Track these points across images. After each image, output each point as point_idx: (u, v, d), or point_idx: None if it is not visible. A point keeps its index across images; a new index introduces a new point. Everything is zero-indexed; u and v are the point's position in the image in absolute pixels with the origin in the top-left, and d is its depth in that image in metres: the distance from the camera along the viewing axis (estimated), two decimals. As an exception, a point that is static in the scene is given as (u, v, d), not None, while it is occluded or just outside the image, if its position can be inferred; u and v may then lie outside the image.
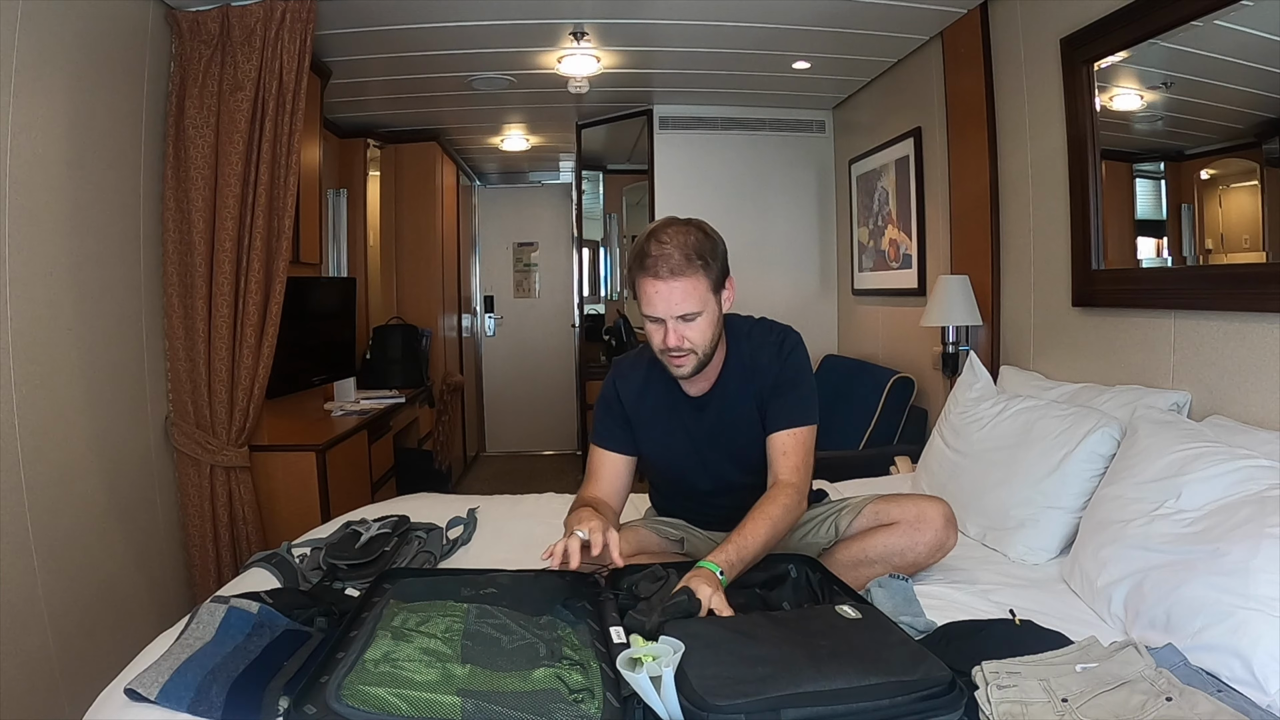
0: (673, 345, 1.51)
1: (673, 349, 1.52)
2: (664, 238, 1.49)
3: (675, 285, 1.48)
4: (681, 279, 1.47)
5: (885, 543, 1.60)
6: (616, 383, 1.71)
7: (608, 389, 1.72)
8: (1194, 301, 1.85)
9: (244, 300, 2.46)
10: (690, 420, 1.66)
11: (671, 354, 1.53)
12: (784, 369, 1.61)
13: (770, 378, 1.61)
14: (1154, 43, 1.89)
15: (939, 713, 1.00)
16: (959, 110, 2.88)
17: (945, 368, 2.85)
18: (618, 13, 2.82)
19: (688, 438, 1.67)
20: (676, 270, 1.47)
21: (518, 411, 6.14)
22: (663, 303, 1.49)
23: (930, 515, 1.62)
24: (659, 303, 1.49)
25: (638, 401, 1.68)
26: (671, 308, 1.49)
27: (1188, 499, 1.45)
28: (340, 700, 0.98)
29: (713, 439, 1.66)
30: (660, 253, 1.48)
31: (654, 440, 1.69)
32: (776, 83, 3.68)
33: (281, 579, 1.68)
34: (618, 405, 1.69)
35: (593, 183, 5.33)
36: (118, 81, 2.26)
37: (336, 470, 2.84)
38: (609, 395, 1.71)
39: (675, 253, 1.47)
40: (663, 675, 1.00)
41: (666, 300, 1.49)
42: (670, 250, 1.47)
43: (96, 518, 2.17)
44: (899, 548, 1.60)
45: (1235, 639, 1.18)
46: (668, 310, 1.49)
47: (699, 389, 1.65)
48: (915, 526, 1.61)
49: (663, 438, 1.68)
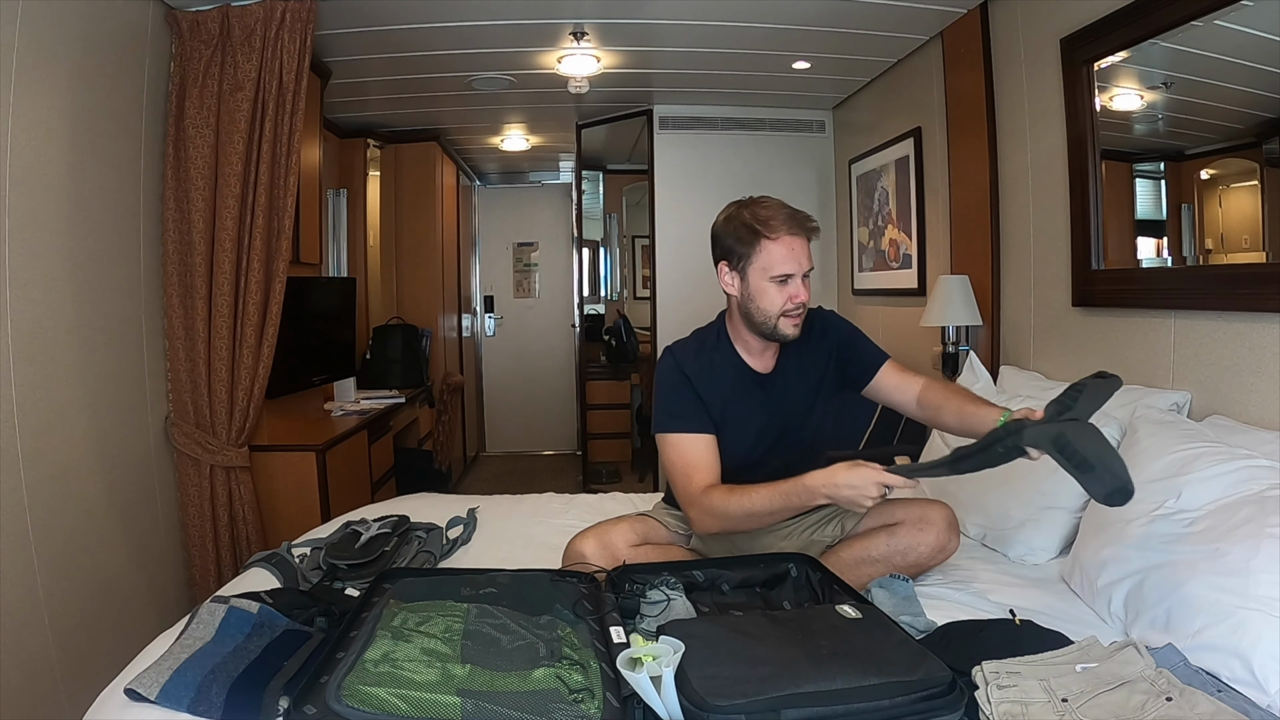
0: (805, 299, 1.60)
1: (800, 304, 1.60)
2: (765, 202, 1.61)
3: (801, 240, 1.59)
4: (804, 234, 1.60)
5: (888, 543, 1.61)
6: (683, 366, 1.68)
7: (672, 373, 1.68)
8: (1194, 301, 1.84)
9: (244, 300, 2.46)
10: (758, 394, 1.70)
11: (795, 312, 1.61)
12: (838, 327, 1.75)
13: (835, 336, 1.74)
14: (1154, 43, 1.89)
15: (939, 713, 1.00)
16: (959, 110, 2.88)
17: (945, 368, 2.85)
18: (618, 13, 2.82)
19: (758, 415, 1.69)
20: (805, 223, 1.60)
21: (518, 411, 6.14)
22: (799, 257, 1.58)
23: (933, 517, 1.63)
24: (797, 256, 1.58)
25: (710, 384, 1.67)
26: (805, 262, 1.59)
27: (1188, 499, 1.45)
28: (340, 700, 0.99)
29: (778, 414, 1.69)
30: (776, 213, 1.58)
31: (731, 419, 1.67)
32: (776, 83, 3.68)
33: (281, 579, 1.68)
34: (690, 388, 1.66)
35: (593, 183, 5.33)
36: (118, 81, 2.26)
37: (336, 470, 2.84)
38: (677, 379, 1.67)
39: (799, 214, 1.60)
40: (663, 675, 1.00)
41: (803, 254, 1.59)
42: (792, 211, 1.60)
43: (96, 518, 2.17)
44: (901, 548, 1.60)
45: (1235, 639, 1.18)
46: (802, 265, 1.59)
47: (766, 364, 1.71)
48: (918, 527, 1.62)
49: (734, 417, 1.67)
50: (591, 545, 1.61)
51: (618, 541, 1.62)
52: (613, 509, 2.20)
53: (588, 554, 1.60)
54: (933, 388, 1.67)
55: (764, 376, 1.70)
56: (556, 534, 1.99)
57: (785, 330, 1.61)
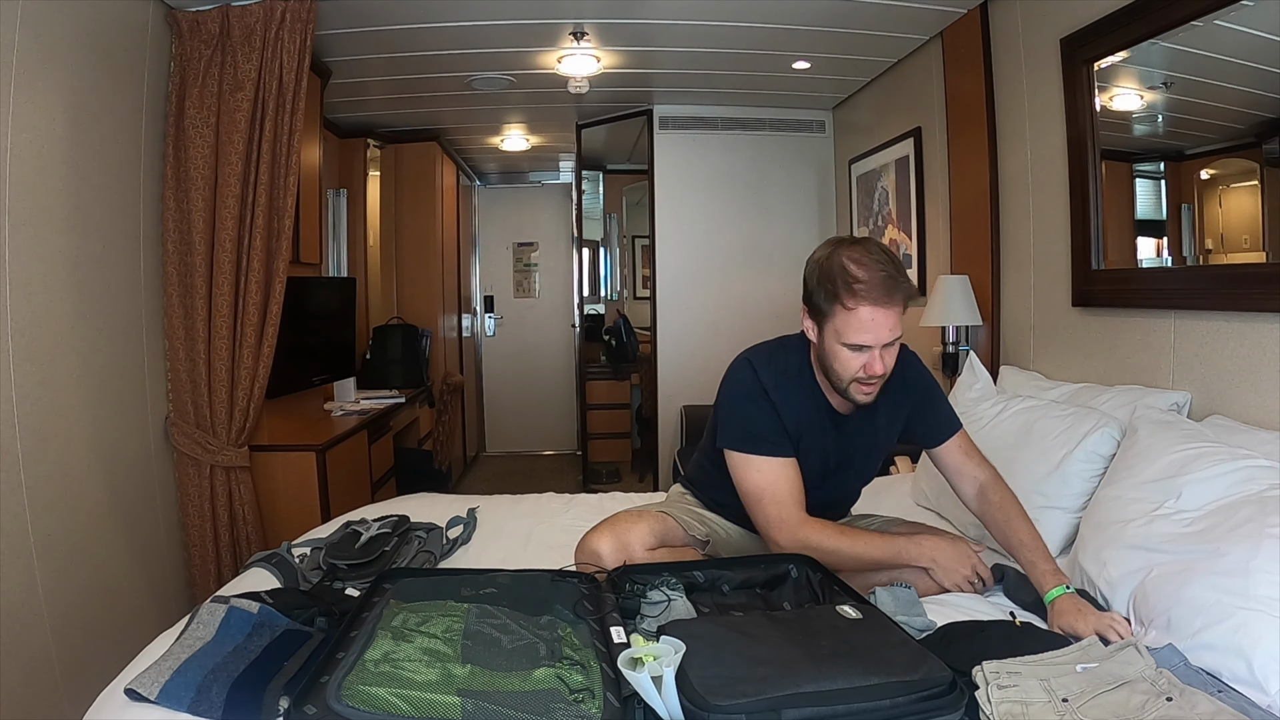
0: (879, 373, 1.46)
1: (879, 376, 1.47)
2: (864, 259, 1.43)
3: (892, 312, 1.42)
4: (897, 304, 1.43)
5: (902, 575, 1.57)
6: (765, 385, 1.57)
7: (754, 390, 1.58)
8: (1194, 301, 1.84)
9: (244, 300, 2.46)
10: (831, 433, 1.62)
11: (867, 384, 1.48)
12: (920, 381, 1.66)
13: (918, 391, 1.65)
14: (1154, 43, 1.89)
15: (939, 713, 1.00)
16: (959, 110, 2.88)
17: (945, 368, 2.85)
18: (618, 13, 2.82)
19: (825, 451, 1.62)
20: (892, 292, 1.41)
21: (518, 411, 6.14)
22: (878, 329, 1.42)
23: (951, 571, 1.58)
24: (873, 330, 1.42)
25: (789, 409, 1.58)
26: (883, 335, 1.43)
27: (1188, 499, 1.45)
28: (340, 700, 0.98)
29: (841, 454, 1.64)
30: (871, 276, 1.41)
31: (801, 450, 1.59)
32: (776, 83, 3.68)
33: (281, 579, 1.68)
34: (773, 409, 1.57)
35: (593, 183, 5.33)
36: (118, 81, 2.26)
37: (336, 470, 2.84)
38: (760, 396, 1.57)
39: (890, 276, 1.41)
40: (663, 675, 1.00)
41: (881, 326, 1.42)
42: (884, 274, 1.41)
43: (96, 518, 2.17)
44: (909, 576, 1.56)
45: (1235, 639, 1.18)
46: (879, 338, 1.43)
47: (846, 405, 1.60)
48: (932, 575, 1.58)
49: (810, 449, 1.60)
50: (608, 545, 1.57)
51: (634, 544, 1.58)
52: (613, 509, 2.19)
53: (604, 554, 1.56)
54: (994, 492, 1.59)
55: (842, 417, 1.61)
56: (556, 534, 1.99)
57: (856, 396, 1.51)
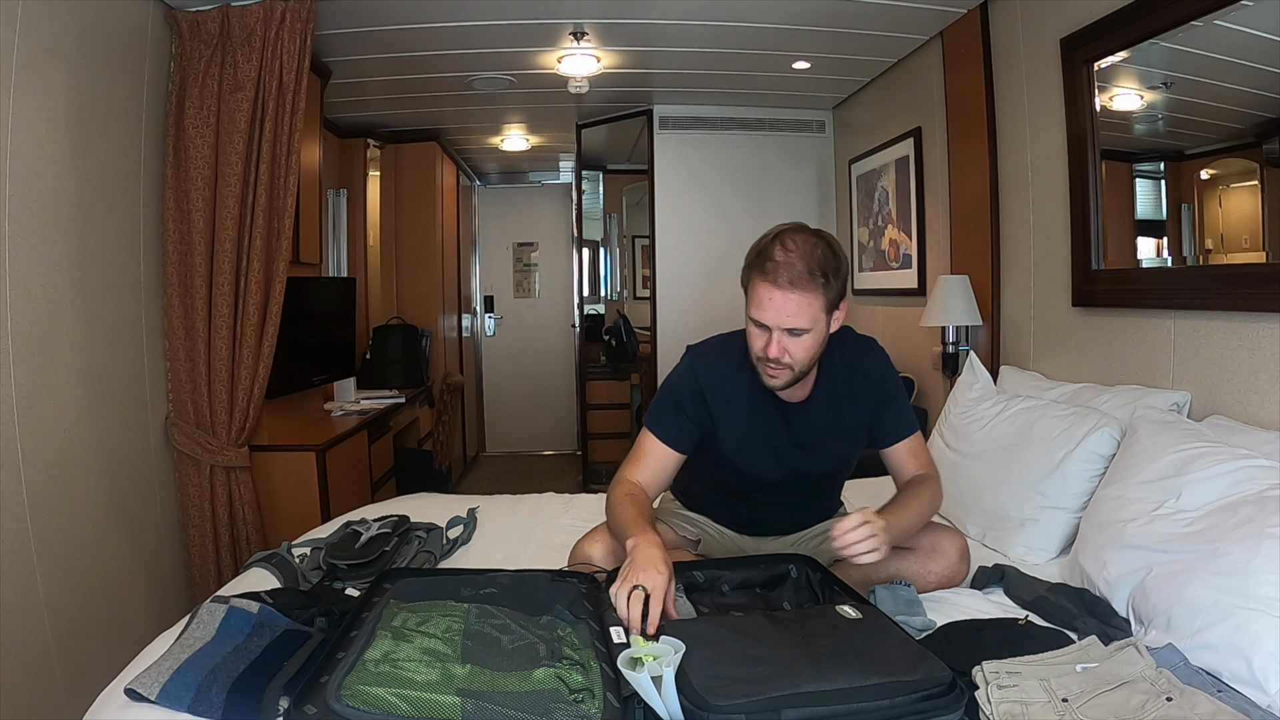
0: (772, 356, 1.46)
1: (771, 359, 1.46)
2: (790, 245, 1.43)
3: (791, 297, 1.41)
4: (798, 292, 1.41)
5: (897, 566, 1.58)
6: (700, 375, 1.59)
7: (685, 379, 1.59)
8: (1194, 301, 1.84)
9: (244, 300, 2.46)
10: (779, 425, 1.60)
11: (768, 364, 1.48)
12: (884, 379, 1.63)
13: (880, 390, 1.61)
14: (1154, 43, 1.89)
15: (939, 713, 1.00)
16: (959, 110, 2.88)
17: (945, 368, 2.85)
18: (618, 13, 2.82)
19: (774, 440, 1.61)
20: (796, 282, 1.41)
21: (518, 411, 6.14)
22: (774, 311, 1.43)
23: (946, 548, 1.61)
24: (770, 310, 1.43)
25: (727, 397, 1.58)
26: (782, 319, 1.43)
27: (1188, 499, 1.45)
28: (340, 700, 0.99)
29: (798, 446, 1.61)
30: (785, 259, 1.41)
31: (736, 439, 1.60)
32: (776, 83, 3.68)
33: (281, 579, 1.68)
34: (696, 398, 1.57)
35: (593, 183, 5.33)
36: (118, 81, 2.26)
37: (336, 470, 2.84)
38: (686, 386, 1.59)
39: (799, 263, 1.41)
40: (663, 675, 1.00)
41: (779, 310, 1.43)
42: (795, 259, 1.41)
43: (96, 518, 2.17)
44: (910, 573, 1.59)
45: (1235, 639, 1.18)
46: (777, 320, 1.43)
47: (796, 396, 1.59)
48: (930, 556, 1.60)
49: (747, 438, 1.60)
50: (599, 549, 1.58)
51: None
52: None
53: (596, 558, 1.57)
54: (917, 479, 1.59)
55: (790, 405, 1.59)
56: (556, 534, 1.99)
57: (763, 377, 1.51)
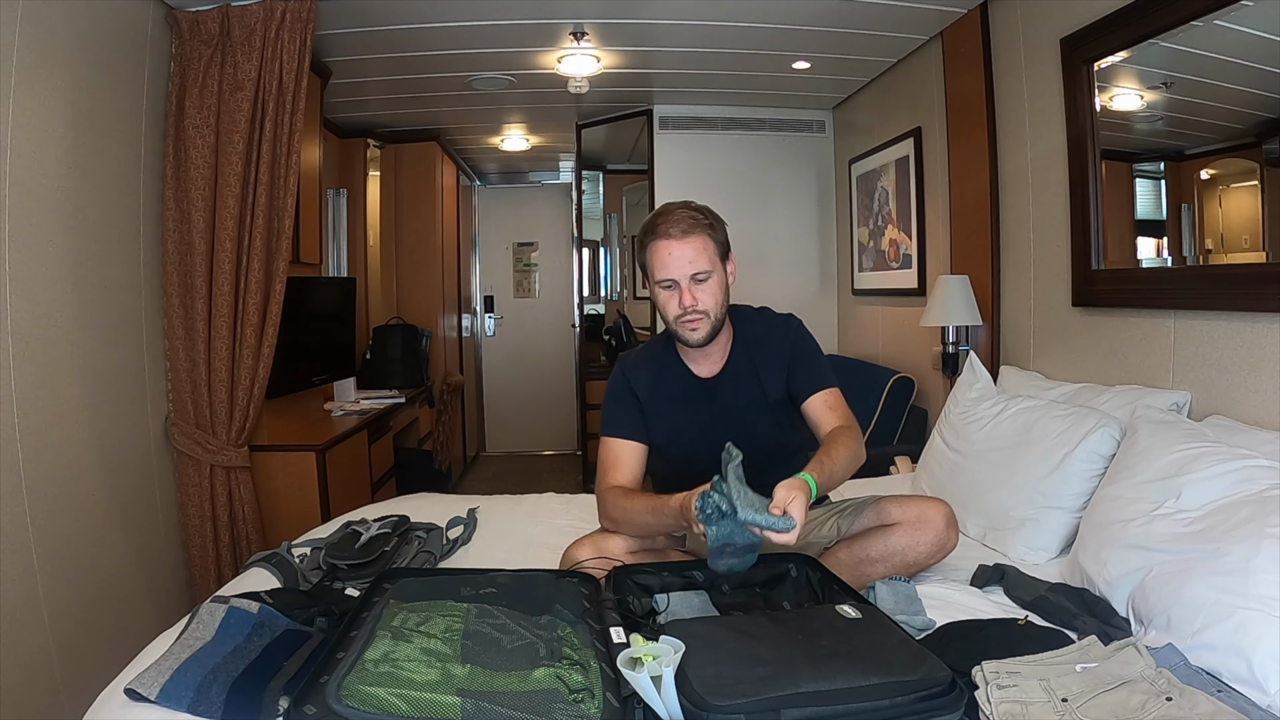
0: (688, 304, 1.57)
1: (688, 309, 1.58)
2: (668, 209, 1.61)
3: (687, 243, 1.57)
4: (692, 237, 1.57)
5: (886, 542, 1.61)
6: (628, 375, 1.73)
7: (617, 382, 1.74)
8: (1194, 301, 1.84)
9: (244, 300, 2.46)
10: (703, 403, 1.70)
11: (686, 318, 1.59)
12: (798, 342, 1.71)
13: (794, 350, 1.69)
14: (1154, 43, 1.89)
15: (939, 713, 1.00)
16: (959, 110, 2.88)
17: (945, 368, 2.85)
18: (618, 13, 2.82)
19: (700, 420, 1.69)
20: (688, 230, 1.57)
21: (518, 411, 6.14)
22: (676, 263, 1.57)
23: (931, 516, 1.62)
24: (673, 263, 1.57)
25: (651, 390, 1.71)
26: (685, 266, 1.57)
27: (1188, 499, 1.45)
28: (340, 700, 0.98)
29: (725, 419, 1.68)
30: (670, 219, 1.58)
31: (668, 426, 1.70)
32: (776, 83, 3.68)
33: (281, 579, 1.68)
34: (630, 396, 1.71)
35: (593, 183, 5.32)
36: (118, 81, 2.26)
37: (336, 470, 2.84)
38: (620, 388, 1.73)
39: (684, 217, 1.58)
40: (663, 675, 1.00)
41: (680, 259, 1.57)
42: (678, 216, 1.59)
43: (96, 518, 2.17)
44: (900, 547, 1.60)
45: (1235, 639, 1.18)
46: (681, 270, 1.57)
47: (709, 370, 1.71)
48: (916, 526, 1.61)
49: (677, 423, 1.70)
50: (588, 553, 1.61)
51: (615, 549, 1.61)
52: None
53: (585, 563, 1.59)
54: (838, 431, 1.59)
55: (707, 381, 1.71)
56: (556, 534, 1.99)
57: (684, 335, 1.62)
